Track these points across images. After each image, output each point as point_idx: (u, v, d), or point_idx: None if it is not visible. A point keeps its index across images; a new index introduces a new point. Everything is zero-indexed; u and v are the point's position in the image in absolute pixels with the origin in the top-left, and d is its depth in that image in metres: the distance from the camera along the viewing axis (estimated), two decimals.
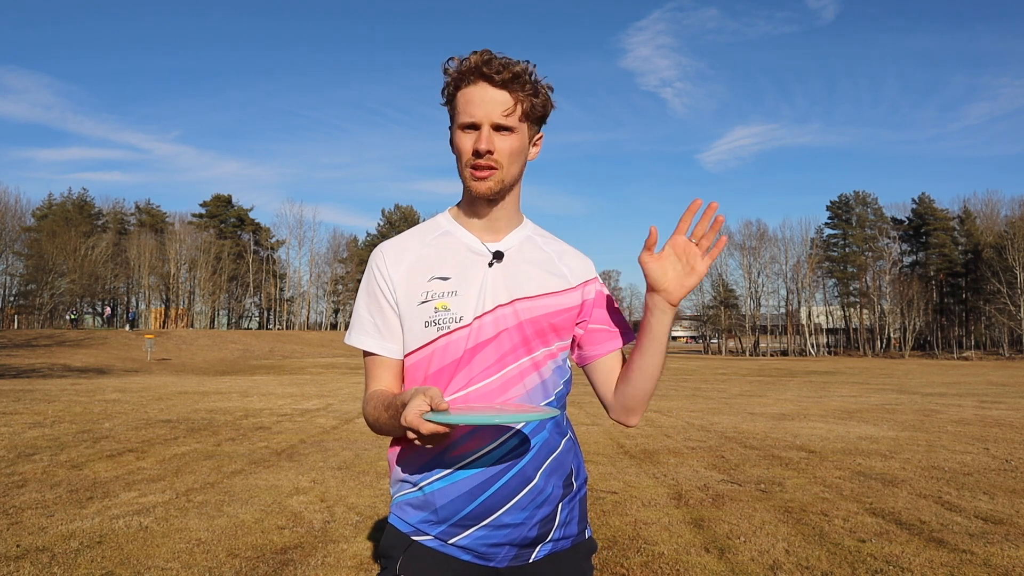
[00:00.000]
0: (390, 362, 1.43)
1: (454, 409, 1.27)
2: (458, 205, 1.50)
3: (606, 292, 1.55)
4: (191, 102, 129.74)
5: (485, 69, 1.33)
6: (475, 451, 1.34)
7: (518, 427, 1.36)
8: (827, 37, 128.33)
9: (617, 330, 1.52)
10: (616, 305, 1.57)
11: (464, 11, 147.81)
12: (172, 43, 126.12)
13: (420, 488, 1.38)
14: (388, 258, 1.44)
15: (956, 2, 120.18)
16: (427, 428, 1.15)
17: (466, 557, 1.36)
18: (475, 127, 1.36)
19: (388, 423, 1.33)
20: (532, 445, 1.37)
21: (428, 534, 1.37)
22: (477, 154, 1.35)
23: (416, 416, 1.16)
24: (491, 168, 1.36)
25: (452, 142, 1.43)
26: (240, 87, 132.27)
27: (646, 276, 1.38)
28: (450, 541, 1.36)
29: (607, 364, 1.51)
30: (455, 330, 1.37)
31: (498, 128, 1.36)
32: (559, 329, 1.45)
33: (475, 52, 1.37)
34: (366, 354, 1.45)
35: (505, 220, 1.46)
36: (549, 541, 1.40)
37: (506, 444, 1.35)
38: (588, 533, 1.50)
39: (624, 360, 1.52)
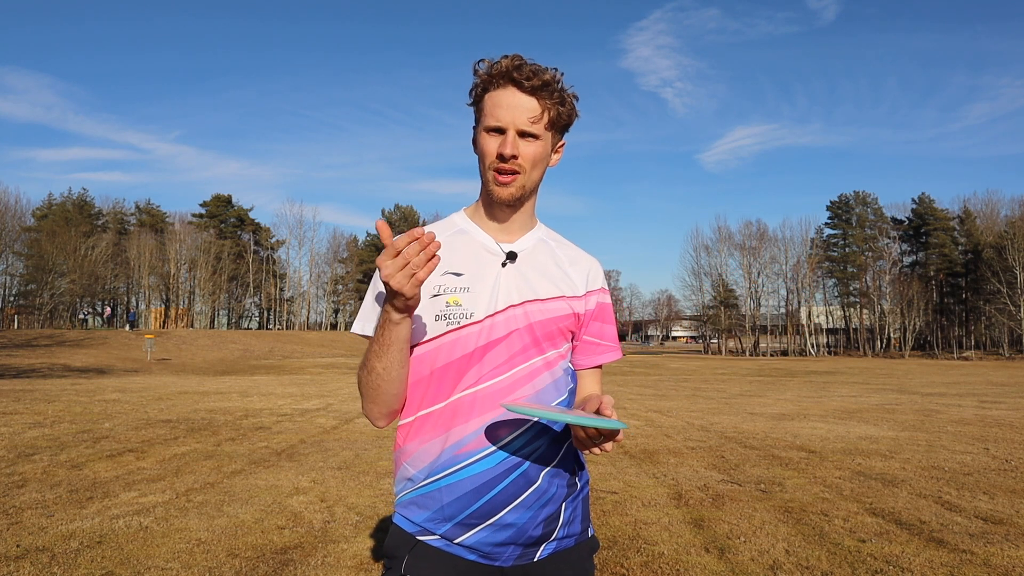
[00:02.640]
0: None
1: (528, 404, 1.29)
2: (474, 205, 1.52)
3: (608, 301, 1.56)
4: (192, 102, 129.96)
5: (515, 74, 1.35)
6: (481, 450, 1.34)
7: (526, 427, 1.37)
8: (828, 37, 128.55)
9: (607, 344, 1.54)
10: (613, 317, 1.58)
11: (465, 11, 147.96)
12: (173, 43, 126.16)
13: (426, 486, 1.38)
14: None
15: (956, 2, 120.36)
16: (404, 241, 1.15)
17: (471, 557, 1.37)
18: (501, 131, 1.37)
19: (371, 348, 1.33)
20: (538, 445, 1.38)
21: (434, 534, 1.37)
22: (502, 158, 1.37)
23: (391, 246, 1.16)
24: (514, 172, 1.38)
25: (475, 143, 1.44)
26: (241, 87, 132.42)
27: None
28: (456, 541, 1.36)
29: (587, 375, 1.54)
30: (465, 326, 1.38)
31: (523, 134, 1.37)
32: (567, 332, 1.47)
33: (506, 56, 1.37)
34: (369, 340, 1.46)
35: (520, 223, 1.48)
36: (553, 540, 1.41)
37: (512, 444, 1.36)
38: (591, 532, 1.52)
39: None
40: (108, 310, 69.60)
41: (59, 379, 22.16)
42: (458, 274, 1.41)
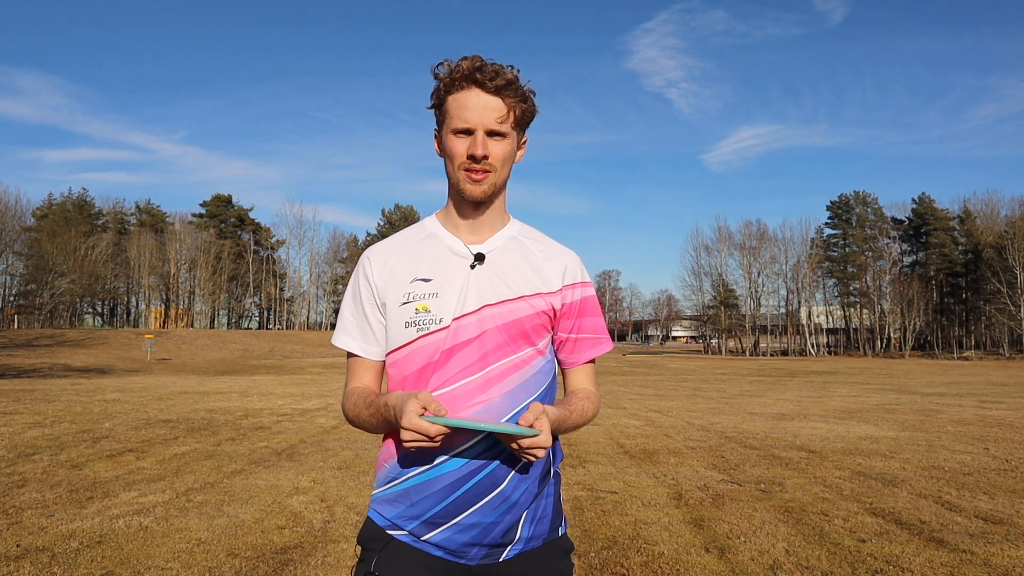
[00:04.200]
0: (371, 363, 1.50)
1: (451, 415, 1.35)
2: (444, 209, 1.53)
3: (590, 294, 1.55)
4: (199, 103, 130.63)
5: (478, 75, 1.36)
6: (449, 451, 1.36)
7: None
8: (835, 40, 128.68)
9: (594, 338, 1.54)
10: (599, 309, 1.57)
11: (471, 15, 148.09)
12: (182, 45, 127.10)
13: (396, 485, 1.41)
14: (374, 263, 1.49)
15: (963, 4, 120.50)
16: (435, 430, 1.24)
17: (439, 553, 1.39)
18: (469, 132, 1.38)
19: (368, 420, 1.42)
20: (504, 448, 1.37)
21: (403, 529, 1.40)
22: (473, 159, 1.38)
23: (418, 419, 1.23)
24: (486, 172, 1.40)
25: (441, 145, 1.45)
26: (247, 89, 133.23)
27: None
28: (422, 538, 1.39)
29: (577, 372, 1.54)
30: (435, 331, 1.40)
31: (491, 134, 1.39)
32: (541, 329, 1.46)
33: (466, 58, 1.39)
34: (349, 354, 1.51)
35: (490, 222, 1.49)
36: (519, 541, 1.42)
37: (479, 445, 1.37)
38: (562, 531, 1.50)
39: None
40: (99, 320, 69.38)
41: (59, 379, 22.16)
42: (427, 280, 1.43)
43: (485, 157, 1.38)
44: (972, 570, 3.83)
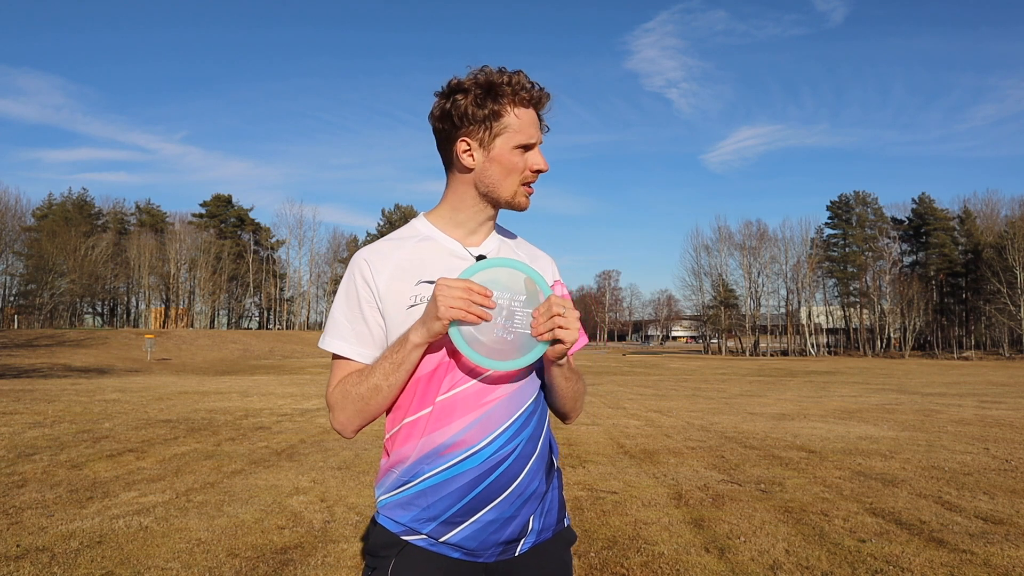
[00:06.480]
0: (362, 367, 1.47)
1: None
2: (436, 210, 1.53)
3: (567, 293, 1.59)
4: (198, 104, 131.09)
5: (535, 93, 1.43)
6: (464, 450, 1.37)
7: (505, 426, 1.39)
8: (835, 40, 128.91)
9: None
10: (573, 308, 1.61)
11: (470, 13, 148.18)
12: (182, 47, 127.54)
13: (410, 488, 1.40)
14: (373, 265, 1.44)
15: (963, 4, 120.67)
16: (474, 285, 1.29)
17: (456, 555, 1.40)
18: (528, 148, 1.45)
19: (380, 374, 1.36)
20: (516, 444, 1.40)
21: (420, 533, 1.40)
22: (539, 173, 1.46)
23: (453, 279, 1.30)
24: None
25: (488, 154, 1.42)
26: (247, 89, 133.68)
27: None
28: (441, 539, 1.39)
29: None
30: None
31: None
32: None
33: (516, 72, 1.42)
34: (336, 357, 1.46)
35: (487, 227, 1.52)
36: (531, 533, 1.45)
37: (493, 443, 1.38)
38: (567, 522, 1.55)
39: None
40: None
41: (59, 379, 22.17)
42: (431, 282, 1.43)
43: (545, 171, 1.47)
44: (972, 570, 3.83)
